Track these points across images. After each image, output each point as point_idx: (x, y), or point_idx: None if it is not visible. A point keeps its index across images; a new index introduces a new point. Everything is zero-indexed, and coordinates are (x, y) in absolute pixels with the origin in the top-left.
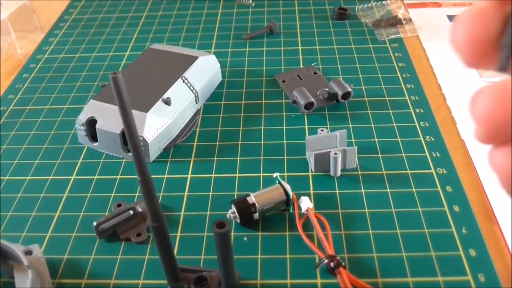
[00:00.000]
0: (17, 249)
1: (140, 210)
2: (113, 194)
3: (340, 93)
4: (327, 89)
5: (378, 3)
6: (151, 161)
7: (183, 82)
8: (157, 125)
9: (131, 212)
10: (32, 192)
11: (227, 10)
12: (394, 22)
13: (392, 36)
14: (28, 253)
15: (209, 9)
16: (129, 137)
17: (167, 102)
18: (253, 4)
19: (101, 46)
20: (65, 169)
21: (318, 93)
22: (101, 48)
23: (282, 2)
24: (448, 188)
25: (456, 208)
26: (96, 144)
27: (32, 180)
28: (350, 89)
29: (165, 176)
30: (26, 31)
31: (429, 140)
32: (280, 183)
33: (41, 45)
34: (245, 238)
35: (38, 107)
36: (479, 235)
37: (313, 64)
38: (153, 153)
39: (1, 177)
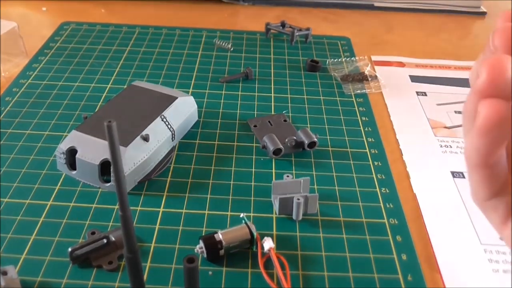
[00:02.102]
0: None
1: (113, 239)
2: (88, 222)
3: (306, 142)
4: (295, 138)
5: (348, 59)
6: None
7: (162, 120)
8: (135, 159)
9: (105, 240)
10: (9, 214)
11: (207, 52)
12: (361, 78)
13: (358, 91)
14: (4, 273)
15: (190, 49)
16: (116, 176)
17: (146, 138)
18: (232, 49)
19: (84, 76)
20: (42, 194)
21: (286, 140)
22: (83, 78)
23: (259, 50)
24: (398, 238)
25: (404, 257)
26: (74, 172)
27: (9, 203)
28: (315, 139)
29: (138, 208)
30: (10, 54)
31: (384, 191)
32: (246, 223)
33: (25, 70)
34: (210, 272)
35: (19, 131)
36: (423, 282)
37: (283, 112)
38: (129, 185)
39: None
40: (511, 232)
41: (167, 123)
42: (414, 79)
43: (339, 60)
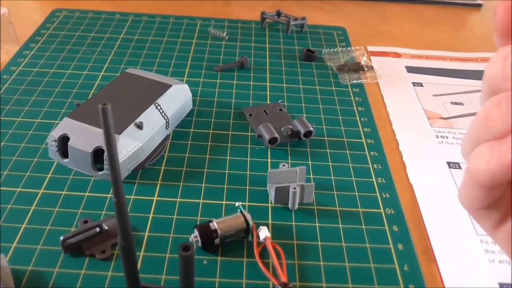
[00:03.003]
0: None
1: (106, 228)
2: (80, 211)
3: (302, 131)
4: (291, 127)
5: (344, 49)
6: None
7: (156, 108)
8: (128, 147)
9: (98, 229)
10: None
11: (201, 40)
12: (357, 68)
13: (354, 81)
14: None
15: (184, 38)
16: (110, 162)
17: (139, 126)
18: (227, 37)
19: (76, 64)
20: (34, 182)
21: (282, 129)
22: (76, 66)
23: (254, 39)
24: (395, 228)
25: (400, 247)
26: (66, 160)
27: (0, 191)
28: (312, 128)
29: (132, 197)
30: (1, 41)
31: (380, 182)
32: (241, 212)
33: (16, 57)
34: (205, 262)
35: (10, 118)
36: (419, 273)
37: (279, 101)
38: (122, 174)
39: None
40: (504, 236)
41: (161, 111)
42: (410, 69)
43: (335, 50)
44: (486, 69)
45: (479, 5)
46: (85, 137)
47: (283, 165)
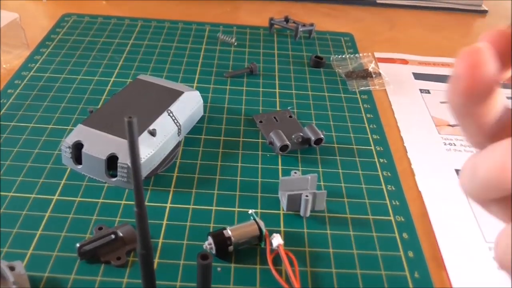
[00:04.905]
0: (2, 264)
1: (121, 235)
2: (94, 217)
3: (313, 138)
4: (301, 134)
5: (352, 56)
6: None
7: (168, 115)
8: (142, 154)
9: (113, 236)
10: (14, 209)
11: (210, 46)
12: (365, 74)
13: (362, 88)
14: (11, 268)
15: (193, 43)
16: (134, 174)
17: (153, 133)
18: (236, 43)
19: (87, 69)
20: (48, 189)
21: (293, 136)
22: (86, 71)
23: (263, 45)
24: (405, 235)
25: (411, 254)
26: (80, 167)
27: (14, 197)
28: (322, 136)
29: (146, 203)
30: (11, 45)
31: (390, 189)
32: (254, 219)
33: (27, 62)
34: (219, 269)
35: (22, 124)
36: (429, 280)
37: (289, 108)
38: None
39: None
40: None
41: (173, 117)
42: (418, 76)
43: (343, 56)
44: None
45: (485, 11)
46: (98, 144)
47: (295, 173)
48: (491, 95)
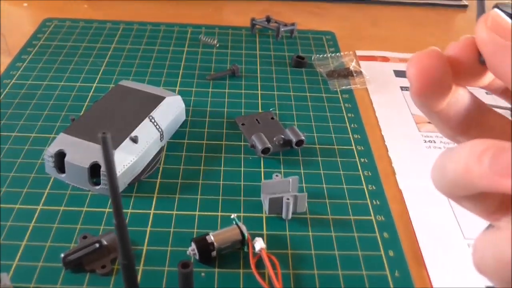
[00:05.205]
0: None
1: (106, 243)
2: (79, 226)
3: (294, 140)
4: (283, 136)
5: (333, 55)
6: None
7: (150, 121)
8: (124, 161)
9: (97, 245)
10: None
11: (192, 48)
12: (346, 73)
13: (344, 87)
14: None
15: (176, 46)
16: (111, 187)
17: (135, 140)
18: (218, 45)
19: (69, 75)
20: (32, 198)
21: (274, 139)
22: (68, 78)
23: (245, 46)
24: (385, 234)
25: (391, 253)
26: (63, 175)
27: None
28: (303, 137)
29: (129, 210)
30: None
31: (371, 188)
32: (237, 224)
33: (9, 69)
34: (202, 274)
35: (5, 133)
36: (410, 279)
37: (270, 110)
38: (119, 188)
39: None
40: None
41: (155, 124)
42: (398, 73)
43: (325, 55)
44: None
45: (465, 6)
46: (81, 152)
47: (276, 176)
48: (445, 94)
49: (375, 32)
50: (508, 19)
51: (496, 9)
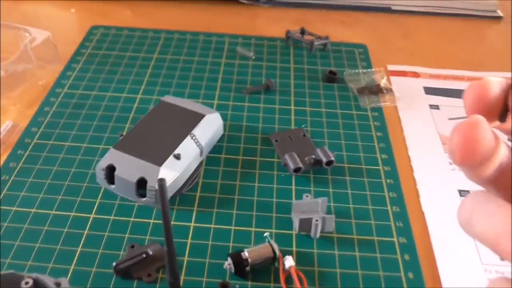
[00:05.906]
0: (49, 281)
1: (151, 253)
2: (127, 235)
3: (324, 160)
4: (314, 156)
5: (364, 70)
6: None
7: (191, 138)
8: (168, 177)
9: (144, 255)
10: (56, 226)
11: (230, 60)
12: (376, 90)
13: (373, 105)
14: (57, 285)
15: (214, 57)
16: (165, 226)
17: (177, 157)
18: (254, 57)
19: (115, 86)
20: (85, 207)
21: (306, 159)
22: (115, 88)
23: (280, 58)
24: (406, 256)
25: (411, 275)
26: (113, 187)
27: (56, 215)
28: (333, 158)
29: (172, 222)
30: (45, 60)
31: (395, 210)
32: (269, 242)
33: (60, 78)
34: (237, 286)
35: (59, 143)
36: None
37: (302, 126)
38: None
39: (28, 209)
40: None
41: (196, 141)
42: (428, 91)
43: (356, 71)
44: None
45: (500, 17)
46: (129, 167)
47: (306, 196)
48: (489, 159)
49: (405, 45)
50: None
51: None
